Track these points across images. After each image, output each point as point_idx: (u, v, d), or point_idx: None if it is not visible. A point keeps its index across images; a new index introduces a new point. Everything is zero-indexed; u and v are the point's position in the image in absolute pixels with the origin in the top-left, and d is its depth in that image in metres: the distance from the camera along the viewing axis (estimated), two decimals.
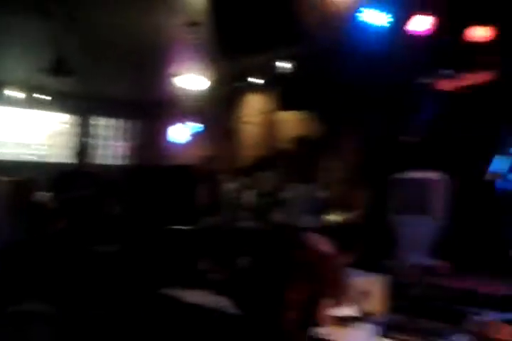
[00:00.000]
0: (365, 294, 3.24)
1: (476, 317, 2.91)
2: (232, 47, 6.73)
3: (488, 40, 4.83)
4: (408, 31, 4.98)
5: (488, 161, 3.63)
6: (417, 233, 4.71)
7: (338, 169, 6.17)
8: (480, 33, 4.85)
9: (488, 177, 3.39)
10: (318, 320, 1.93)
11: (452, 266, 4.14)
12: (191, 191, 5.71)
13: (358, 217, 5.12)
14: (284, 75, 6.93)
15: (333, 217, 5.20)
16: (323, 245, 2.04)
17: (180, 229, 4.63)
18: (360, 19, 4.86)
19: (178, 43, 7.21)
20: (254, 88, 7.89)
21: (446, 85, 4.93)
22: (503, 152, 3.48)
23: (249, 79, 7.67)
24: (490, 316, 2.94)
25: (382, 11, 4.84)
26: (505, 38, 4.73)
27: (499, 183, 3.67)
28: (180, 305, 3.40)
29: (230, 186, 6.57)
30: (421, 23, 4.96)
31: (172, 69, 7.50)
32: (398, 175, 4.98)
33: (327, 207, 5.41)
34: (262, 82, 7.61)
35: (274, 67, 6.99)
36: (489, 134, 4.02)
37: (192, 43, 6.89)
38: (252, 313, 1.70)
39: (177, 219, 4.79)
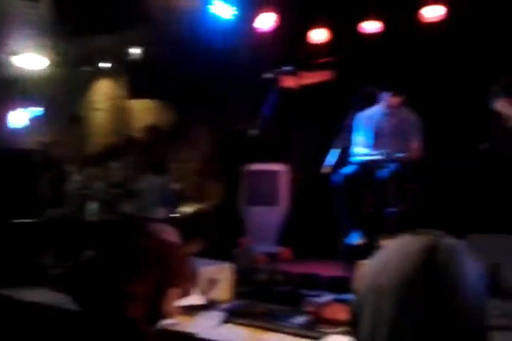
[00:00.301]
0: (213, 282, 3.32)
1: (312, 299, 3.15)
2: (75, 26, 6.31)
3: (326, 41, 5.18)
4: (253, 27, 5.15)
5: (326, 155, 3.93)
6: (265, 222, 4.96)
7: (191, 160, 6.21)
8: (319, 34, 5.19)
9: (323, 170, 3.68)
10: (166, 311, 1.94)
11: (294, 252, 4.43)
12: (32, 180, 5.30)
13: (210, 208, 5.22)
14: (134, 61, 6.75)
15: (186, 209, 5.23)
16: (170, 235, 2.04)
17: (20, 222, 4.30)
18: (210, 11, 4.91)
19: (15, 19, 6.61)
20: (104, 73, 7.57)
21: (288, 82, 5.22)
22: (336, 146, 3.79)
23: (99, 64, 7.34)
24: (325, 297, 3.20)
25: (231, 4, 4.94)
26: (341, 40, 5.12)
27: (333, 176, 4.00)
28: (16, 304, 3.18)
29: (76, 176, 6.25)
30: (265, 20, 5.15)
31: (9, 46, 6.85)
32: (248, 167, 5.18)
33: (180, 198, 5.42)
34: (111, 67, 7.33)
35: (124, 52, 6.78)
36: (326, 129, 4.34)
37: (31, 20, 6.36)
38: (93, 308, 1.62)
39: (16, 210, 4.43)
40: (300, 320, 2.99)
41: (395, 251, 1.75)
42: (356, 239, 4.08)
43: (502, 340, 2.32)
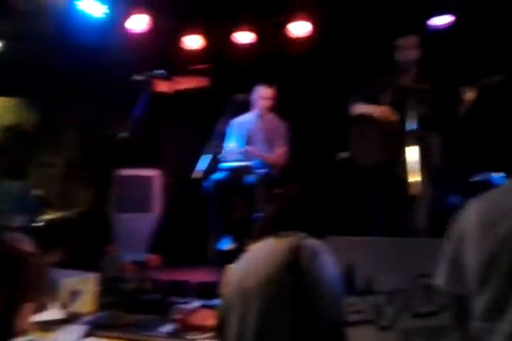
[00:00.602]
0: (75, 294, 3.16)
1: (180, 306, 3.11)
2: None
3: (201, 47, 5.21)
4: (126, 28, 5.03)
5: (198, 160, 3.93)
6: (136, 229, 4.81)
7: (55, 164, 5.86)
8: (194, 40, 5.20)
9: (194, 175, 3.67)
10: (19, 328, 1.77)
11: (165, 259, 4.35)
12: None
13: (76, 215, 4.95)
14: None
15: (49, 216, 4.91)
16: (25, 245, 1.89)
17: None
18: (78, 7, 4.70)
19: None
20: None
21: (162, 86, 5.16)
22: (208, 152, 3.80)
23: None
24: (194, 304, 3.18)
25: (102, 3, 4.77)
26: (215, 48, 5.18)
27: (204, 182, 4.01)
28: None
29: None
30: (138, 21, 5.05)
31: None
32: (118, 172, 5.00)
33: (42, 205, 5.07)
34: None
35: None
36: (200, 135, 4.35)
37: None
38: None
39: None
40: (167, 328, 2.95)
41: (259, 254, 1.78)
42: (227, 244, 4.12)
43: (356, 335, 2.45)
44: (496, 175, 3.67)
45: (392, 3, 4.53)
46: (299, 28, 4.99)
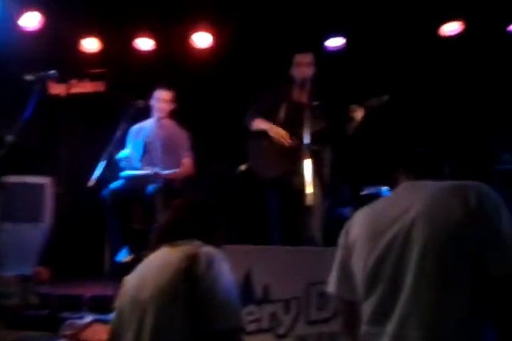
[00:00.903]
0: None
1: (71, 322, 2.98)
2: None
3: (98, 51, 5.06)
4: (18, 26, 4.77)
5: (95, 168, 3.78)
6: (24, 241, 4.51)
7: None
8: (91, 44, 5.05)
9: (90, 183, 3.54)
10: None
11: (57, 272, 4.13)
12: None
13: None
14: None
15: None
16: None
17: None
18: None
19: None
20: None
21: (56, 89, 4.94)
22: (105, 159, 3.67)
23: None
24: (86, 319, 3.05)
25: None
26: (113, 53, 5.05)
27: (102, 190, 3.87)
28: None
29: None
30: (31, 19, 4.81)
31: None
32: (5, 179, 4.67)
33: None
34: None
35: None
36: (97, 141, 4.22)
37: None
38: None
39: None
40: None
41: (154, 263, 1.76)
42: (125, 255, 4.00)
43: None
44: (386, 189, 3.93)
45: (292, 20, 4.71)
46: (201, 39, 5.03)
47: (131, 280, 1.78)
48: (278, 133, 3.61)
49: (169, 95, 4.28)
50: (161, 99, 4.26)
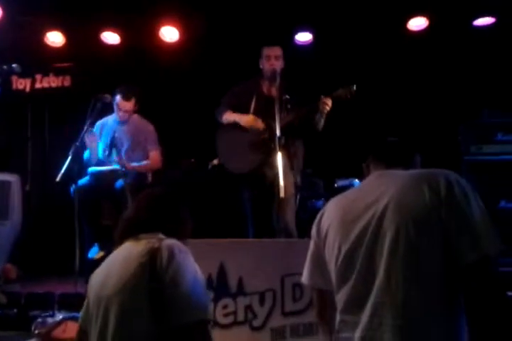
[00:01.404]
0: None
1: (42, 320, 2.92)
2: None
3: (63, 46, 4.95)
4: None
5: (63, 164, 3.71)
6: None
7: None
8: (55, 37, 4.93)
9: (57, 179, 3.46)
10: None
11: (26, 270, 4.04)
12: None
13: None
14: None
15: None
16: None
17: None
18: None
19: None
20: None
21: (21, 84, 4.83)
22: (72, 155, 3.60)
23: None
24: (57, 317, 3.00)
25: None
26: (76, 45, 4.95)
27: (71, 187, 3.79)
28: None
29: None
30: None
31: None
32: None
33: None
34: None
35: None
36: (65, 137, 4.14)
37: None
38: None
39: None
40: None
41: (117, 258, 1.74)
42: (96, 252, 3.94)
43: (229, 336, 2.50)
44: (358, 181, 3.98)
45: (261, 14, 4.70)
46: (168, 33, 4.98)
47: (96, 277, 1.78)
48: (248, 120, 3.61)
49: (130, 105, 4.19)
50: (121, 109, 4.17)
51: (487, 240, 1.34)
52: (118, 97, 4.15)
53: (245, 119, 3.63)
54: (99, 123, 4.29)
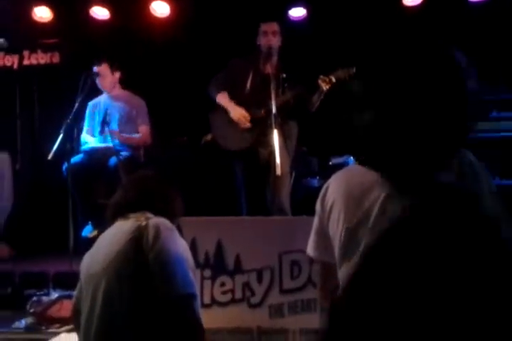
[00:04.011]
0: None
1: (37, 299, 2.91)
2: None
3: (51, 21, 4.84)
4: None
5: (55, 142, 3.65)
6: None
7: None
8: (42, 12, 4.81)
9: (49, 157, 3.42)
10: None
11: (19, 249, 4.02)
12: None
13: None
14: None
15: None
16: None
17: None
18: None
19: None
20: None
21: (7, 60, 4.74)
22: (64, 133, 3.54)
23: None
24: (52, 295, 2.99)
25: None
26: (64, 21, 4.84)
27: (63, 165, 3.74)
28: None
29: None
30: None
31: None
32: None
33: None
34: None
35: None
36: (55, 115, 4.08)
37: None
38: None
39: None
40: (23, 323, 2.76)
41: (107, 237, 1.76)
42: (90, 231, 3.92)
43: (227, 314, 2.50)
44: (353, 158, 3.95)
45: None
46: (159, 8, 4.86)
47: (88, 256, 1.82)
48: (238, 114, 3.57)
49: (104, 69, 4.10)
50: (100, 75, 4.10)
51: None
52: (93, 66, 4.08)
53: (235, 113, 3.58)
54: (91, 103, 4.24)
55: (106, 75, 4.13)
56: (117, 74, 4.20)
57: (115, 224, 1.79)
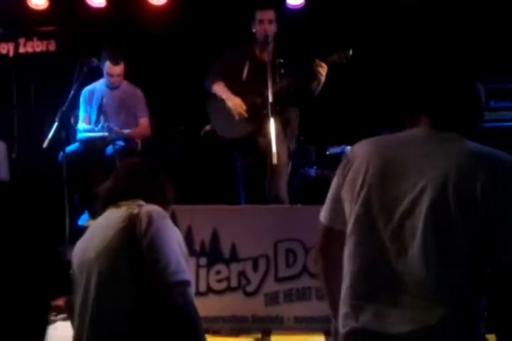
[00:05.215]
0: None
1: None
2: None
3: (46, 8, 4.78)
4: None
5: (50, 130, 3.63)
6: None
7: None
8: (39, 0, 4.76)
9: (44, 145, 3.41)
10: None
11: None
12: None
13: None
14: None
15: None
16: None
17: None
18: None
19: None
20: None
21: (2, 48, 4.70)
22: (59, 121, 3.52)
23: None
24: None
25: None
26: (60, 8, 4.79)
27: (59, 154, 3.72)
28: None
29: None
30: None
31: None
32: None
33: None
34: None
35: None
36: (51, 103, 4.06)
37: None
38: None
39: None
40: None
41: (99, 224, 1.75)
42: (86, 220, 3.92)
43: (223, 302, 2.50)
44: (350, 147, 3.92)
45: None
46: None
47: (79, 244, 1.82)
48: (235, 105, 3.55)
49: (120, 69, 4.11)
50: (112, 74, 4.09)
51: None
52: (107, 63, 4.05)
53: (232, 103, 3.56)
54: (86, 90, 4.21)
55: (120, 74, 4.13)
56: (124, 72, 4.19)
57: (107, 212, 1.78)
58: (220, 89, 3.63)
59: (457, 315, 1.29)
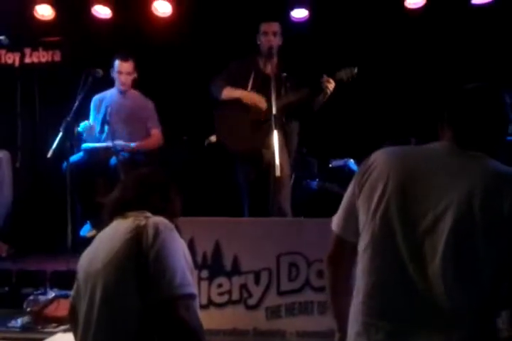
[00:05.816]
0: None
1: (34, 298, 2.91)
2: None
3: (53, 19, 4.83)
4: None
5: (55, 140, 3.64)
6: None
7: None
8: (44, 10, 4.80)
9: (48, 155, 3.43)
10: None
11: (18, 248, 4.01)
12: None
13: None
14: None
15: None
16: None
17: None
18: None
19: None
20: None
21: (9, 58, 4.74)
22: (64, 131, 3.54)
23: None
24: (49, 294, 2.98)
25: None
26: (66, 19, 4.83)
27: (64, 164, 3.73)
28: None
29: None
30: None
31: None
32: None
33: None
34: None
35: None
36: (56, 112, 4.07)
37: None
38: None
39: None
40: (19, 322, 2.75)
41: (106, 235, 1.75)
42: (88, 230, 3.91)
43: (224, 315, 2.48)
44: (353, 161, 3.95)
45: None
46: (161, 7, 4.85)
47: (85, 255, 1.82)
48: (252, 99, 3.55)
49: (130, 66, 4.15)
50: (122, 71, 4.12)
51: None
52: (117, 61, 4.08)
53: (249, 97, 3.56)
54: (96, 97, 4.23)
55: (130, 72, 4.15)
56: (135, 74, 4.21)
57: (113, 223, 1.78)
58: (230, 91, 3.64)
59: (474, 336, 1.27)
